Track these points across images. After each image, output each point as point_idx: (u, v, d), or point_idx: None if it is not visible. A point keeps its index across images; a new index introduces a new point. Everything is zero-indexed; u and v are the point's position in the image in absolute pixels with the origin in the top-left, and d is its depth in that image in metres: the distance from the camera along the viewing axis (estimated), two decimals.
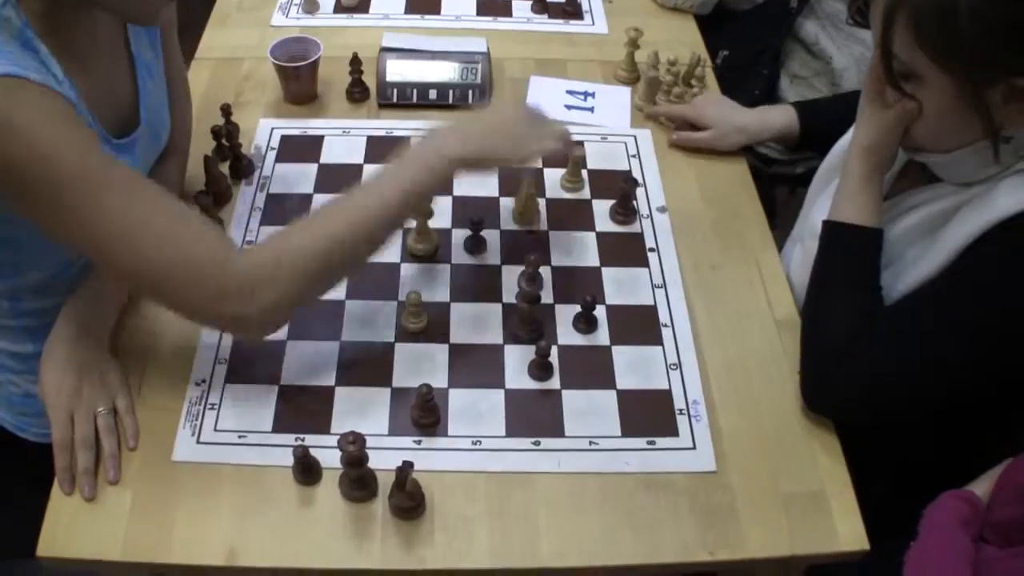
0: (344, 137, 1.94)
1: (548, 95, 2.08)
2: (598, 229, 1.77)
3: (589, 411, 1.48)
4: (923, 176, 1.49)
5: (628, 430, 1.46)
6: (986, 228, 1.32)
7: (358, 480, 1.34)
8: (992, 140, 1.30)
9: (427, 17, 2.30)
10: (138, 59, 1.53)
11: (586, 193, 1.85)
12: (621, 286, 1.67)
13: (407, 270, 1.67)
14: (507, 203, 1.81)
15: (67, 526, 1.32)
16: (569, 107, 2.05)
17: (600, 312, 1.61)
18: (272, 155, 1.89)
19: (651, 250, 1.74)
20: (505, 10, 2.35)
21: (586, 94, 2.10)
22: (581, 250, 1.73)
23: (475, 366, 1.53)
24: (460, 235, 1.72)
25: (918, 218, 1.45)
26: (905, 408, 1.44)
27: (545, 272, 1.67)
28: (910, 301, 1.42)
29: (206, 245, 1.29)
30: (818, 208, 1.62)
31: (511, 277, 1.66)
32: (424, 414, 1.42)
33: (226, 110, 1.82)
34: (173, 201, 1.31)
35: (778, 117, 1.91)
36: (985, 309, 1.33)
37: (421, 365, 1.52)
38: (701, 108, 1.95)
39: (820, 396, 1.46)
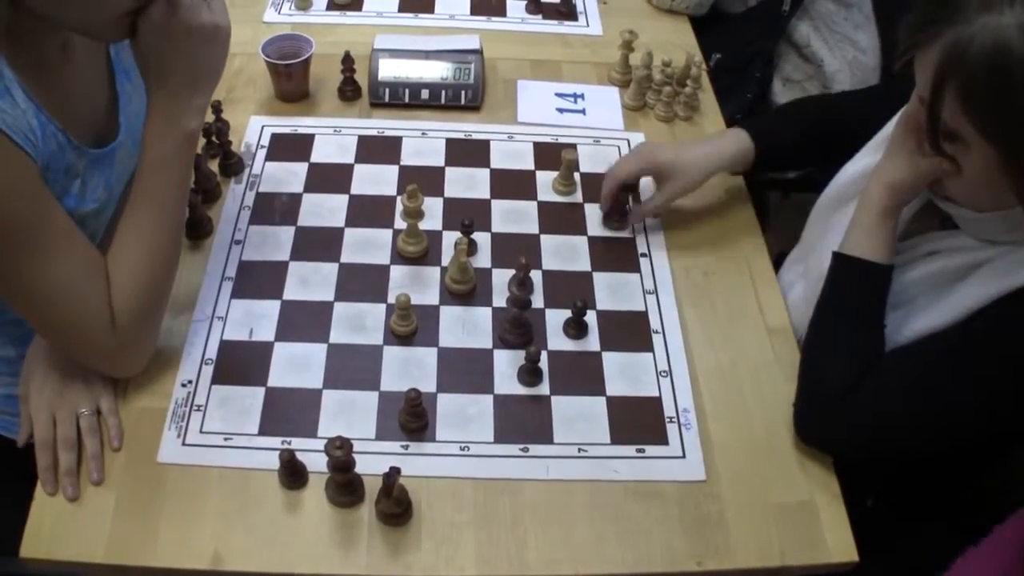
0: (335, 136, 1.93)
1: (538, 99, 2.08)
2: (590, 233, 1.77)
3: (578, 418, 1.47)
4: (938, 217, 1.47)
5: (617, 438, 1.45)
6: (1007, 292, 1.30)
7: (345, 485, 1.33)
8: None
9: (421, 16, 2.29)
10: (116, 63, 1.52)
11: (578, 197, 1.84)
12: (612, 291, 1.66)
13: (396, 272, 1.66)
14: (498, 205, 1.81)
15: (50, 527, 1.31)
16: (561, 110, 2.04)
17: (591, 317, 1.60)
18: (262, 153, 1.88)
19: (643, 255, 1.73)
20: (499, 10, 2.34)
21: (576, 96, 2.09)
22: (572, 254, 1.72)
23: (464, 371, 1.52)
24: (451, 237, 1.71)
25: (936, 267, 1.42)
26: (901, 454, 1.43)
27: (536, 276, 1.66)
28: (917, 352, 1.39)
29: (102, 316, 1.36)
30: (827, 243, 1.56)
31: (502, 280, 1.65)
32: (412, 419, 1.42)
33: (217, 107, 1.81)
34: (87, 264, 1.36)
35: (730, 144, 1.75)
36: (998, 371, 1.31)
37: (409, 369, 1.51)
38: (650, 156, 1.74)
39: (815, 435, 1.44)
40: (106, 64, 1.51)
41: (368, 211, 1.76)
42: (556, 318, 1.60)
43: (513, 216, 1.79)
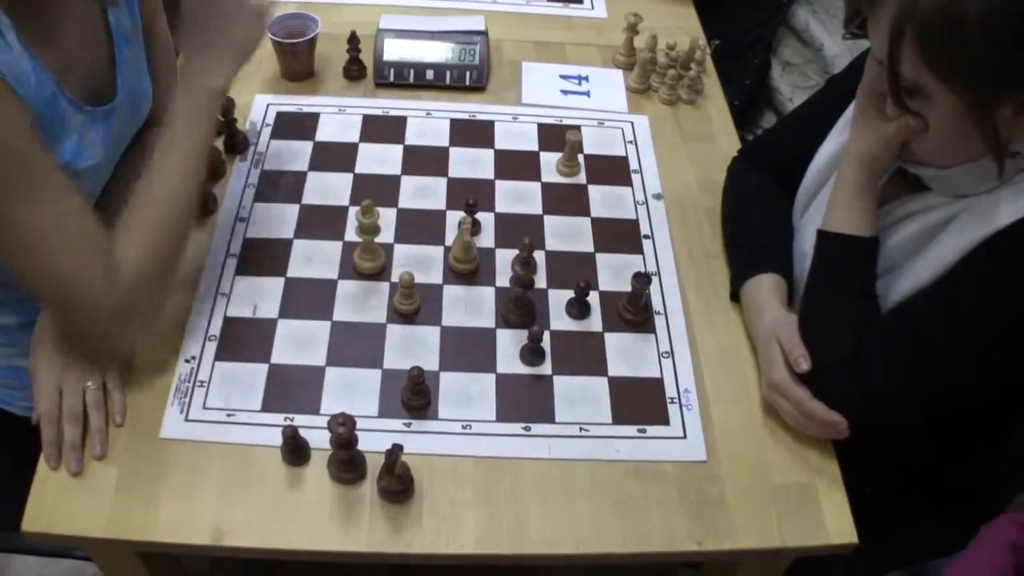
0: (340, 115, 1.93)
1: (542, 80, 2.08)
2: (593, 215, 1.77)
3: (580, 397, 1.47)
4: (909, 182, 1.47)
5: (619, 418, 1.45)
6: (985, 239, 1.30)
7: (347, 462, 1.33)
8: (997, 156, 1.27)
9: None
10: (115, 27, 1.52)
11: (582, 178, 1.84)
12: (615, 272, 1.66)
13: (400, 251, 1.66)
14: (502, 186, 1.81)
15: (52, 502, 1.31)
16: (566, 92, 2.04)
17: (593, 298, 1.60)
18: (267, 131, 1.88)
19: (646, 237, 1.73)
20: None
21: (580, 78, 2.09)
22: (576, 235, 1.72)
23: (467, 349, 1.53)
24: (454, 216, 1.71)
25: (912, 230, 1.42)
26: (903, 422, 1.42)
27: (539, 256, 1.66)
28: (906, 311, 1.40)
29: (99, 266, 1.32)
30: (808, 227, 1.57)
31: (505, 260, 1.65)
32: (415, 396, 1.42)
33: None
34: (80, 213, 1.33)
35: (776, 291, 1.57)
36: (987, 319, 1.31)
37: (412, 347, 1.52)
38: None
39: None
40: (105, 29, 1.51)
41: (372, 190, 1.75)
42: (559, 298, 1.60)
43: (517, 197, 1.79)
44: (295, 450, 1.35)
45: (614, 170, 1.86)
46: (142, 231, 1.37)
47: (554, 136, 1.91)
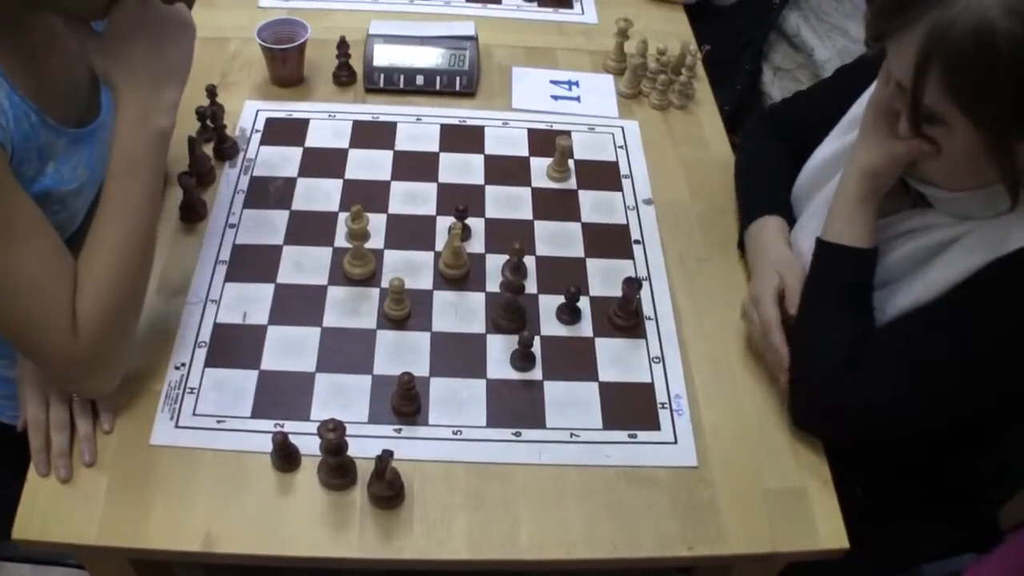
0: (330, 121, 1.93)
1: (532, 86, 2.08)
2: (583, 220, 1.77)
3: (571, 403, 1.47)
4: (910, 193, 1.47)
5: (610, 423, 1.45)
6: (985, 263, 1.30)
7: (337, 468, 1.33)
8: (1013, 189, 1.27)
9: (416, 2, 2.29)
10: None
11: (572, 183, 1.84)
12: (605, 277, 1.66)
13: (390, 256, 1.66)
14: (492, 191, 1.81)
15: (43, 509, 1.30)
16: (556, 97, 2.05)
17: (584, 303, 1.60)
18: (257, 137, 1.88)
19: (636, 242, 1.73)
20: None
21: (570, 83, 2.09)
22: (566, 240, 1.73)
23: (457, 355, 1.52)
24: (444, 222, 1.70)
25: (912, 247, 1.41)
26: (897, 431, 1.43)
27: (529, 261, 1.66)
28: (903, 327, 1.39)
29: (63, 319, 1.28)
30: (800, 226, 1.59)
31: (495, 266, 1.65)
32: (405, 402, 1.42)
33: (211, 91, 1.80)
34: (52, 259, 1.29)
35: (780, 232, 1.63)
36: (986, 340, 1.31)
37: (403, 353, 1.52)
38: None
39: (812, 419, 1.44)
40: None
41: (362, 196, 1.75)
42: (549, 304, 1.60)
43: (507, 202, 1.79)
44: (285, 456, 1.35)
45: (604, 175, 1.87)
46: (97, 286, 1.31)
47: (544, 141, 1.91)
